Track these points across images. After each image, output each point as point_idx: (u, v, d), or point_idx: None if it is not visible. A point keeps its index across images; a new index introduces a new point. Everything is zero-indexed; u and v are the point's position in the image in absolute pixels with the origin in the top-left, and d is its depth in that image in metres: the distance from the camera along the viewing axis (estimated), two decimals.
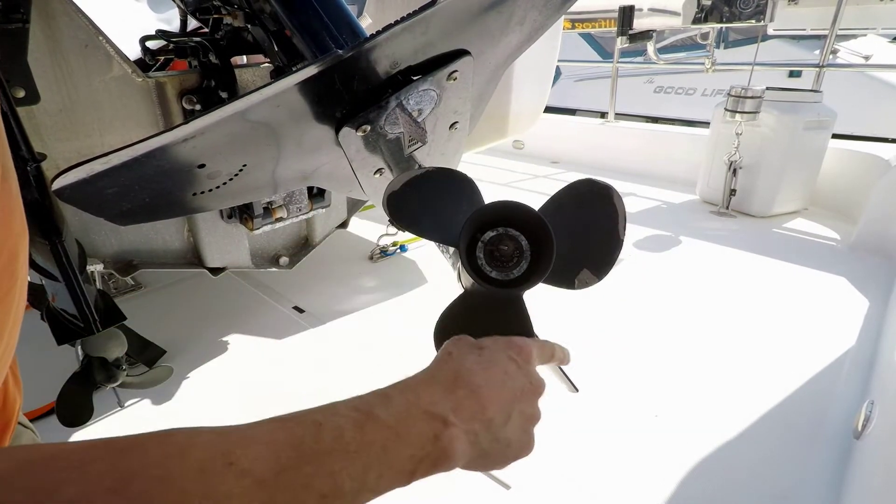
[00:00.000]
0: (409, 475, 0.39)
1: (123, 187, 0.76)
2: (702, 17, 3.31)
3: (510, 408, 0.45)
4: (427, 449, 0.39)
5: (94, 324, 1.24)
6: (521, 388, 0.46)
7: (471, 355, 0.47)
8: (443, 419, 0.40)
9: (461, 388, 0.43)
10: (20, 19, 1.09)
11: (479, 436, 0.43)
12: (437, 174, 0.65)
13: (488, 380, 0.44)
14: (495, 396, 0.44)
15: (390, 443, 0.37)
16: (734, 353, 1.73)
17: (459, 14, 0.80)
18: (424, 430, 0.39)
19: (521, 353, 0.49)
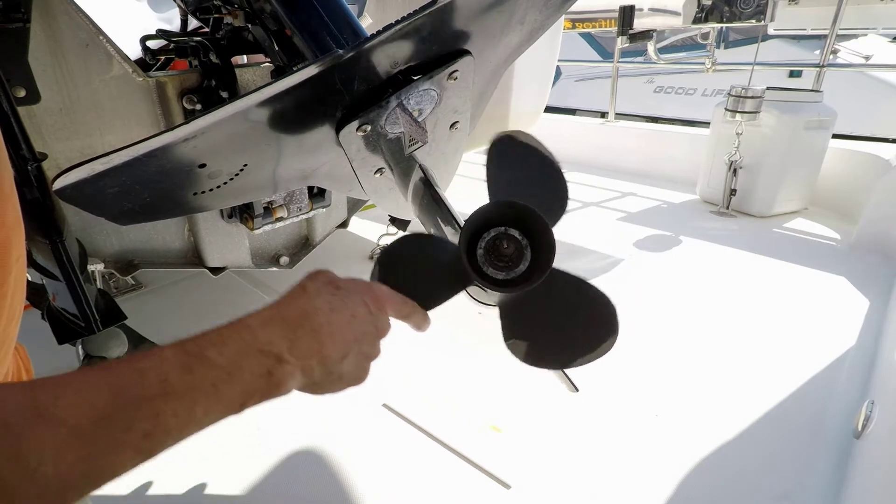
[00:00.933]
0: (240, 406, 0.40)
1: (124, 187, 0.76)
2: (702, 16, 3.31)
3: (348, 348, 0.47)
4: (259, 384, 0.41)
5: (95, 323, 1.24)
6: (364, 331, 0.49)
7: (324, 293, 0.49)
8: (277, 356, 0.42)
9: (303, 327, 0.45)
10: (21, 18, 1.09)
11: (313, 370, 0.45)
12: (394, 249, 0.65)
13: (332, 321, 0.47)
14: (336, 336, 0.46)
15: (220, 382, 0.39)
16: (734, 353, 1.73)
17: (460, 13, 0.80)
18: (256, 367, 0.41)
19: (377, 301, 0.52)
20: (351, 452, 1.34)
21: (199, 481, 1.27)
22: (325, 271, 0.53)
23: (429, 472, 1.29)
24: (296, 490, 1.26)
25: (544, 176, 0.68)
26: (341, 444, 1.37)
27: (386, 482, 1.26)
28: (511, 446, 1.35)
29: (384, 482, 1.26)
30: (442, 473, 1.28)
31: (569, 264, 0.61)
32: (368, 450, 1.36)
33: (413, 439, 1.39)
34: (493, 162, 0.68)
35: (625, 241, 2.64)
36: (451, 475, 1.27)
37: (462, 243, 0.55)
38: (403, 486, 1.25)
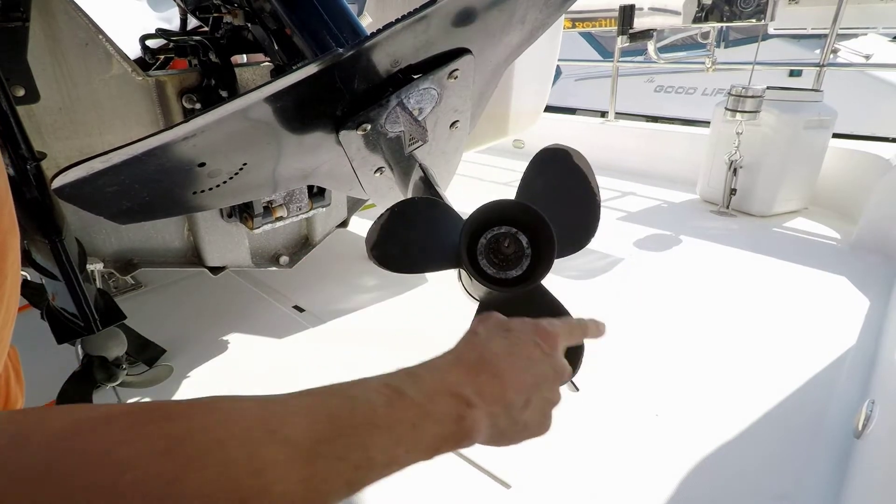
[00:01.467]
0: (434, 451, 0.40)
1: (123, 186, 0.76)
2: (702, 16, 3.31)
3: (530, 393, 0.46)
4: (451, 428, 0.41)
5: (94, 323, 1.24)
6: (544, 374, 0.48)
7: (497, 338, 0.48)
8: (467, 401, 0.42)
9: (485, 372, 0.44)
10: (20, 17, 1.09)
11: (498, 417, 0.44)
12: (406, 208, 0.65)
13: (511, 365, 0.45)
14: (517, 381, 0.45)
15: (419, 420, 0.39)
16: (735, 353, 1.73)
17: (460, 12, 0.79)
18: (450, 410, 0.41)
19: (548, 338, 0.50)
20: None
21: None
22: (493, 313, 0.52)
23: (428, 471, 1.28)
24: None
25: (581, 205, 0.66)
26: None
27: (386, 481, 1.26)
28: (511, 445, 1.35)
29: (384, 481, 1.25)
30: (442, 473, 1.28)
31: (569, 263, 0.61)
32: None
33: None
34: (537, 167, 0.67)
35: (625, 241, 2.64)
36: (450, 474, 1.27)
37: (466, 231, 0.55)
38: (403, 485, 1.25)
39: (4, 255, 0.47)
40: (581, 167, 0.65)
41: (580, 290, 2.13)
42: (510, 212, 0.57)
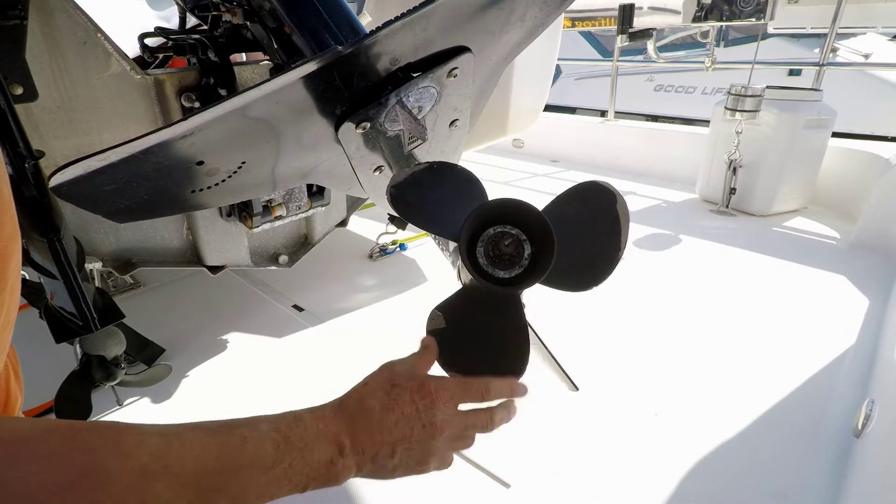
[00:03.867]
0: (302, 489, 0.45)
1: (121, 184, 0.76)
2: (702, 15, 3.31)
3: (395, 447, 0.52)
4: (321, 471, 0.46)
5: (93, 322, 1.23)
6: (412, 430, 0.53)
7: (379, 392, 0.53)
8: (340, 447, 0.48)
9: (359, 423, 0.50)
10: (18, 15, 1.08)
11: (365, 465, 0.51)
12: (442, 168, 0.65)
13: (382, 422, 0.51)
14: (384, 438, 0.51)
15: (297, 462, 0.44)
16: (734, 352, 1.73)
17: (459, 11, 0.79)
18: (324, 455, 0.46)
19: (426, 398, 0.54)
20: None
21: None
22: (392, 364, 0.58)
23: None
24: None
25: (602, 249, 0.65)
26: None
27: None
28: (510, 445, 1.35)
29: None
30: (441, 472, 1.27)
31: None
32: None
33: None
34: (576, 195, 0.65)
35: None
36: (450, 474, 1.27)
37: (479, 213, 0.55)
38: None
39: (7, 260, 0.48)
40: (620, 216, 0.64)
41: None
42: (529, 219, 0.56)
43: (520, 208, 0.56)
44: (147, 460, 0.36)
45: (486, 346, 0.64)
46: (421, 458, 0.55)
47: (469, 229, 0.56)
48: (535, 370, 0.67)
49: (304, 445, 0.45)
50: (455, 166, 0.68)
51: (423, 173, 0.64)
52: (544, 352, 0.82)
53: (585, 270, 0.64)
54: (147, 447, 0.36)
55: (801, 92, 2.80)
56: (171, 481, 0.36)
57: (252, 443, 0.42)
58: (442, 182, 0.65)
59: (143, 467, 0.35)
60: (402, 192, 0.63)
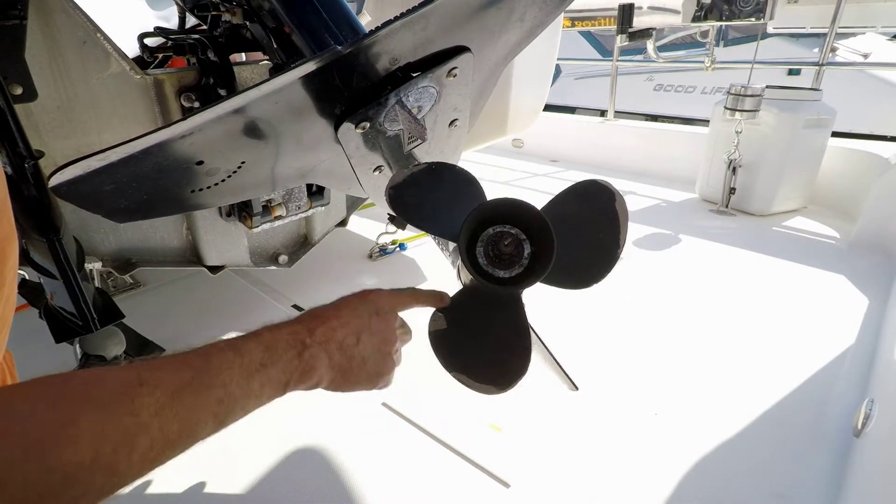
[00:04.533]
0: (284, 385, 0.50)
1: (121, 184, 0.76)
2: (701, 14, 3.31)
3: (358, 332, 0.56)
4: (294, 363, 0.51)
5: (93, 322, 1.23)
6: (368, 315, 0.58)
7: (328, 304, 0.59)
8: (301, 341, 0.52)
9: (314, 322, 0.55)
10: (17, 15, 1.08)
11: (334, 354, 0.54)
12: (440, 169, 0.65)
13: (336, 314, 0.57)
14: (342, 325, 0.56)
15: (266, 360, 0.48)
16: (734, 352, 1.73)
17: (459, 10, 0.79)
18: (289, 349, 0.51)
19: (369, 292, 0.61)
20: (350, 451, 1.34)
21: (198, 480, 1.26)
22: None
23: (428, 470, 1.28)
24: (294, 489, 1.25)
25: (601, 248, 0.66)
26: (340, 442, 1.36)
27: (385, 481, 1.26)
28: (510, 445, 1.35)
29: (383, 481, 1.26)
30: (441, 472, 1.28)
31: None
32: (367, 449, 1.35)
33: (412, 438, 1.38)
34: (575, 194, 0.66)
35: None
36: (450, 474, 1.27)
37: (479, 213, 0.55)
38: (402, 484, 1.25)
39: (3, 261, 0.49)
40: (619, 214, 0.64)
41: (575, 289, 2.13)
42: (528, 218, 0.57)
43: (519, 208, 0.56)
44: (121, 380, 0.39)
45: (488, 346, 0.64)
46: (385, 346, 0.59)
47: (468, 229, 0.56)
48: (535, 370, 0.67)
49: (264, 347, 0.49)
50: (453, 167, 0.68)
51: (422, 174, 0.65)
52: (544, 352, 0.82)
53: (585, 268, 0.64)
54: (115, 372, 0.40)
55: (801, 92, 2.80)
56: (154, 392, 0.39)
57: (214, 354, 0.46)
58: (440, 183, 0.66)
59: (119, 386, 0.39)
60: (401, 192, 0.63)
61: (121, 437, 0.37)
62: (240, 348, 0.48)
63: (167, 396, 0.40)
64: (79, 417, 0.35)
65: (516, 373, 0.62)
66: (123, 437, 0.37)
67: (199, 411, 0.42)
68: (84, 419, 0.35)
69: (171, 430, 0.40)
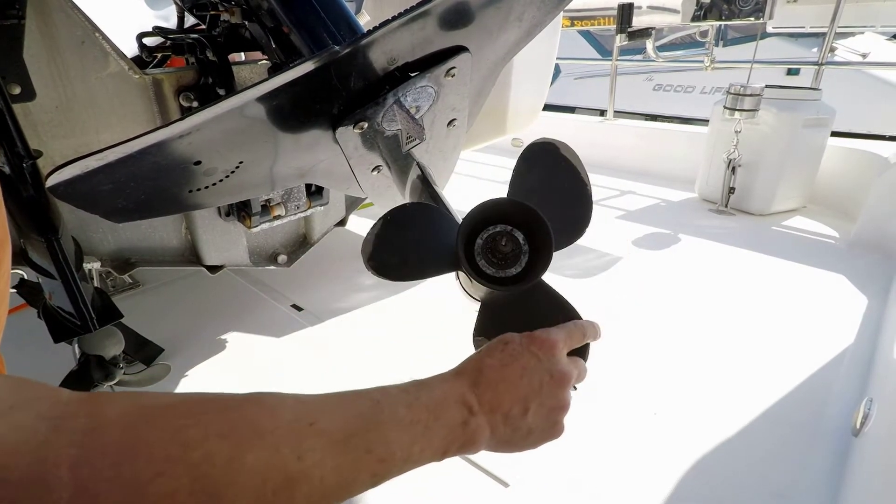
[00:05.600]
0: (443, 453, 0.46)
1: (119, 184, 0.76)
2: (701, 14, 3.31)
3: (528, 401, 0.50)
4: (457, 433, 0.46)
5: (91, 322, 1.23)
6: (540, 381, 0.51)
7: (495, 353, 0.52)
8: (469, 408, 0.47)
9: (482, 384, 0.49)
10: (15, 15, 1.08)
11: (498, 426, 0.48)
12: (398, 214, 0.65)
13: (505, 377, 0.50)
14: (511, 392, 0.49)
15: (431, 422, 0.44)
16: (733, 351, 1.73)
17: (457, 10, 0.79)
18: (455, 416, 0.46)
19: (543, 346, 0.53)
20: None
21: None
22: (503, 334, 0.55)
23: (427, 470, 1.28)
24: None
25: (573, 197, 0.67)
26: None
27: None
28: (525, 450, 1.35)
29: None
30: (440, 471, 1.27)
31: (567, 262, 0.61)
32: None
33: None
34: (526, 163, 0.67)
35: (623, 240, 2.64)
36: (449, 473, 1.27)
37: (462, 233, 0.55)
38: (402, 484, 1.25)
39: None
40: (569, 158, 0.66)
41: (579, 288, 2.13)
42: (505, 210, 0.57)
43: (494, 206, 0.56)
44: (292, 417, 0.37)
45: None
46: (554, 414, 0.54)
47: (464, 251, 0.56)
48: None
49: (434, 405, 0.45)
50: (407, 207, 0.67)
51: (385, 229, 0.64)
52: None
53: (572, 221, 0.65)
54: (290, 408, 0.37)
55: (801, 91, 2.80)
56: (321, 438, 0.37)
57: (386, 404, 0.42)
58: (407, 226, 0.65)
59: (290, 424, 0.36)
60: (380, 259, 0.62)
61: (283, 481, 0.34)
62: (411, 403, 0.43)
63: (334, 444, 0.37)
64: (246, 453, 0.33)
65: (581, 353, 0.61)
66: (285, 482, 0.34)
67: (360, 467, 0.39)
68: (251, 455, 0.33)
69: (330, 483, 0.37)
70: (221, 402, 0.36)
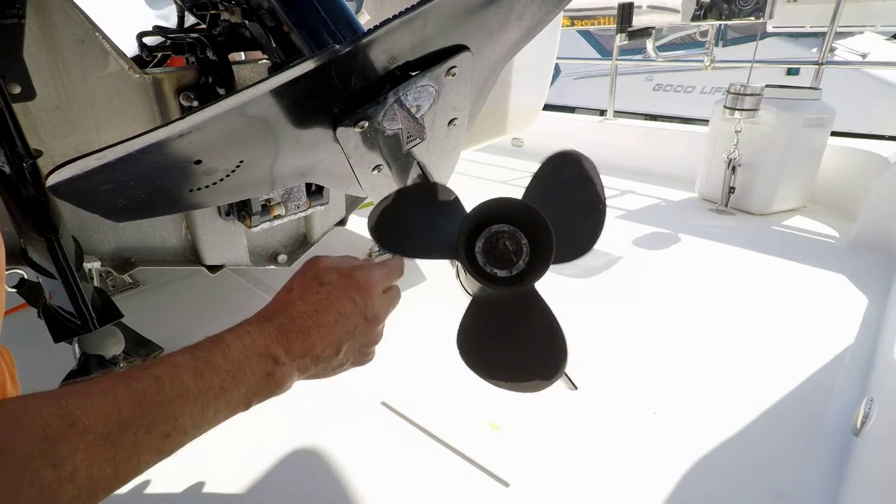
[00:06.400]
0: (246, 405, 0.45)
1: (118, 183, 0.76)
2: (701, 14, 3.31)
3: (340, 343, 0.50)
4: (261, 385, 0.45)
5: (91, 321, 1.23)
6: (355, 324, 0.51)
7: (309, 294, 0.51)
8: (274, 359, 0.46)
9: (293, 331, 0.48)
10: (15, 14, 1.08)
11: (308, 367, 0.49)
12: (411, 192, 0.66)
13: (318, 323, 0.49)
14: (325, 337, 0.49)
15: (227, 384, 0.43)
16: (733, 351, 1.73)
17: (458, 9, 0.79)
18: (258, 370, 0.45)
19: (361, 290, 0.53)
20: (349, 451, 1.34)
21: (197, 480, 1.26)
22: (316, 261, 0.55)
23: (427, 469, 1.28)
24: (294, 488, 1.25)
25: (587, 212, 0.66)
26: (340, 442, 1.36)
27: (384, 480, 1.25)
28: (509, 444, 1.35)
29: (382, 480, 1.25)
30: (440, 471, 1.28)
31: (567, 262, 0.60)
32: (367, 448, 1.35)
33: (411, 437, 1.38)
34: (547, 170, 0.67)
35: (623, 239, 2.63)
36: (449, 473, 1.27)
37: (467, 223, 0.55)
38: (402, 483, 1.25)
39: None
40: (591, 174, 0.65)
41: (579, 288, 2.13)
42: (512, 210, 0.57)
43: (502, 205, 0.56)
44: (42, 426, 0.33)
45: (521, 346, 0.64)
46: (366, 349, 0.55)
47: (464, 243, 0.56)
48: None
49: (231, 366, 0.43)
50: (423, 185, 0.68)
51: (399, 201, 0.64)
52: None
53: (580, 235, 0.65)
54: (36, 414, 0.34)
55: (801, 91, 2.80)
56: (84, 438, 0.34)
57: (168, 379, 0.40)
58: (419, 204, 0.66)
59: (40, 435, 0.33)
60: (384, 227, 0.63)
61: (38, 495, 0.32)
62: (201, 371, 0.42)
63: (101, 440, 0.35)
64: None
65: (557, 360, 0.62)
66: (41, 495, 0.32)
67: (139, 451, 0.37)
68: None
69: (104, 475, 0.35)
70: None
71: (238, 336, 0.47)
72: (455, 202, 0.68)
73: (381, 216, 0.62)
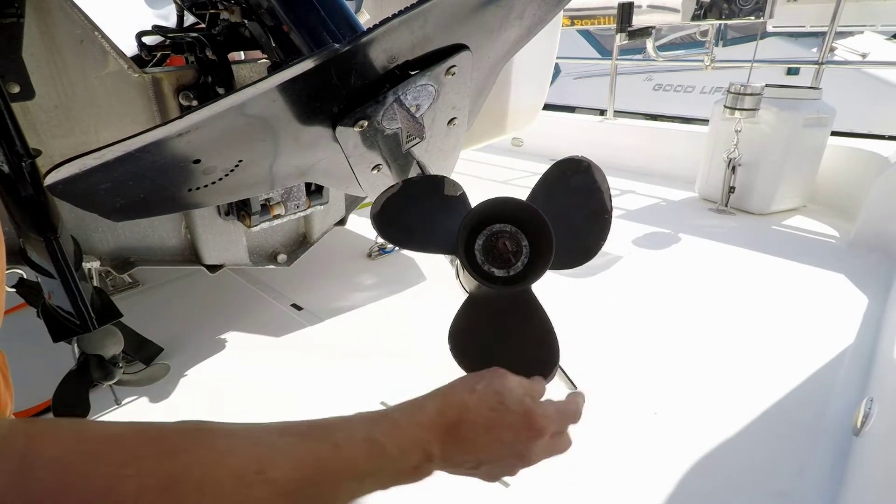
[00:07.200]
0: (384, 488, 0.45)
1: (117, 183, 0.76)
2: (701, 13, 3.31)
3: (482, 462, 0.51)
4: (407, 474, 0.46)
5: (91, 321, 1.23)
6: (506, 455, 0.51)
7: (484, 408, 0.49)
8: (429, 456, 0.46)
9: (458, 440, 0.48)
10: (15, 14, 1.08)
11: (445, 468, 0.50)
12: (417, 183, 0.65)
13: (482, 444, 0.49)
14: (477, 452, 0.49)
15: (388, 467, 0.43)
16: (733, 351, 1.73)
17: (458, 8, 0.79)
18: (412, 459, 0.45)
19: (532, 430, 0.51)
20: None
21: None
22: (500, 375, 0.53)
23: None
24: None
25: (592, 220, 0.66)
26: None
27: None
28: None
29: None
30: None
31: None
32: None
33: None
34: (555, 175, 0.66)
35: (624, 239, 2.63)
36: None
37: (469, 220, 0.55)
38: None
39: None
40: (600, 183, 0.65)
41: (579, 287, 2.13)
42: (515, 211, 0.56)
43: (505, 205, 0.56)
44: (240, 465, 0.35)
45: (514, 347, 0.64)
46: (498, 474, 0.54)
47: (464, 240, 0.56)
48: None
49: (397, 451, 0.44)
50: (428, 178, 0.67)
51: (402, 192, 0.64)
52: None
53: (583, 243, 0.64)
54: (239, 452, 0.36)
55: (801, 90, 2.80)
56: (268, 488, 0.35)
57: (346, 452, 0.41)
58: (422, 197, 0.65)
59: (237, 473, 0.34)
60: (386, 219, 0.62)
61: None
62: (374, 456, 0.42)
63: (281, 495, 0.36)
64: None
65: (550, 361, 0.62)
66: None
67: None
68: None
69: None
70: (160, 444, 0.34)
71: (412, 425, 0.47)
72: (461, 198, 0.67)
73: (385, 205, 0.62)
